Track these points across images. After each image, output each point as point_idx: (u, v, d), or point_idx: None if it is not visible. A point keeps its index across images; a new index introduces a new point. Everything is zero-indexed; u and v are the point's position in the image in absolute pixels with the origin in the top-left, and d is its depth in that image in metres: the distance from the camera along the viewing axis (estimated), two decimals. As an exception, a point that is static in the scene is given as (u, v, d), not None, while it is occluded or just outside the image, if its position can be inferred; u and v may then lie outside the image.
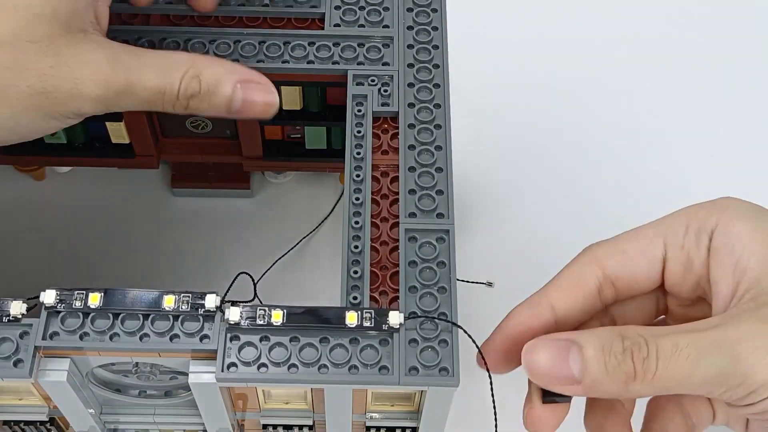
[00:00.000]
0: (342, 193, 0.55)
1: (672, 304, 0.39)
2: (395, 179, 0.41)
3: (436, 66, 0.43)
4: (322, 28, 0.45)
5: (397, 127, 0.42)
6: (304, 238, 0.55)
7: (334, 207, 0.55)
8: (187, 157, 0.52)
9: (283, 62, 0.43)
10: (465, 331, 0.36)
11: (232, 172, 0.55)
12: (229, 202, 0.57)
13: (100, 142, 0.51)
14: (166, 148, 0.52)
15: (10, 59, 0.36)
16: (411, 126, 0.42)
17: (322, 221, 0.55)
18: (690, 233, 0.37)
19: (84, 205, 0.56)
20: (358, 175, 0.40)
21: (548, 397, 0.36)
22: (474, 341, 0.37)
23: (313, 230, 0.55)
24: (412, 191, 0.40)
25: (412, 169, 0.40)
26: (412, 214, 0.39)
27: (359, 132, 0.41)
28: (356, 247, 0.38)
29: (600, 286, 0.38)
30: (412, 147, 0.41)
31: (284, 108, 0.48)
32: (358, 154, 0.41)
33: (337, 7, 0.45)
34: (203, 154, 0.52)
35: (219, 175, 0.56)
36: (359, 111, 0.42)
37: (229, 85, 0.39)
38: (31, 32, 0.37)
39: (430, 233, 0.39)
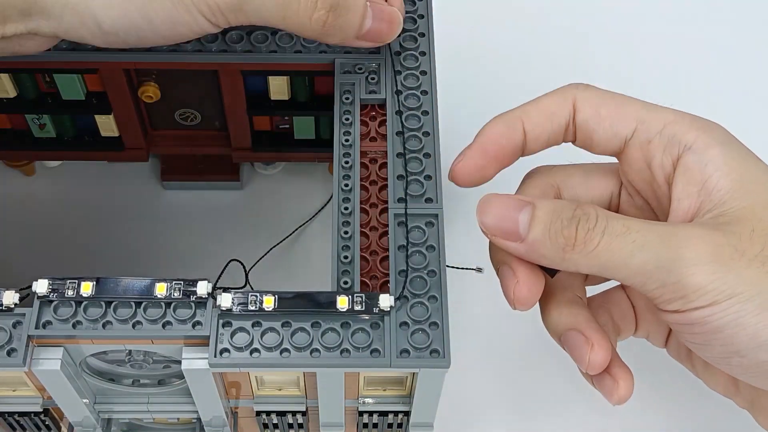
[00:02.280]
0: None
1: (624, 205, 0.40)
2: (384, 165, 0.41)
3: (423, 53, 0.44)
4: (309, 18, 0.45)
5: (385, 114, 0.42)
6: (300, 227, 0.55)
7: (330, 199, 0.55)
8: (177, 149, 0.53)
9: (271, 51, 0.44)
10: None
11: (221, 165, 0.55)
12: (220, 194, 0.57)
13: (90, 136, 0.51)
14: (155, 140, 0.52)
15: None
16: (398, 113, 0.42)
17: (319, 211, 0.55)
18: (663, 135, 0.37)
19: (74, 199, 0.56)
20: (347, 162, 0.40)
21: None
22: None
23: (309, 220, 0.55)
24: (400, 177, 0.40)
25: (400, 155, 0.41)
26: (401, 200, 0.39)
27: (347, 119, 0.42)
28: (346, 232, 0.39)
29: (568, 124, 0.38)
30: (399, 133, 0.41)
31: (272, 98, 0.48)
32: (347, 141, 0.41)
33: (324, -3, 0.45)
34: (192, 146, 0.52)
35: (209, 168, 0.56)
36: (347, 99, 0.42)
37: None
38: None
39: (419, 218, 0.39)
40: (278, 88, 0.47)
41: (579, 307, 0.38)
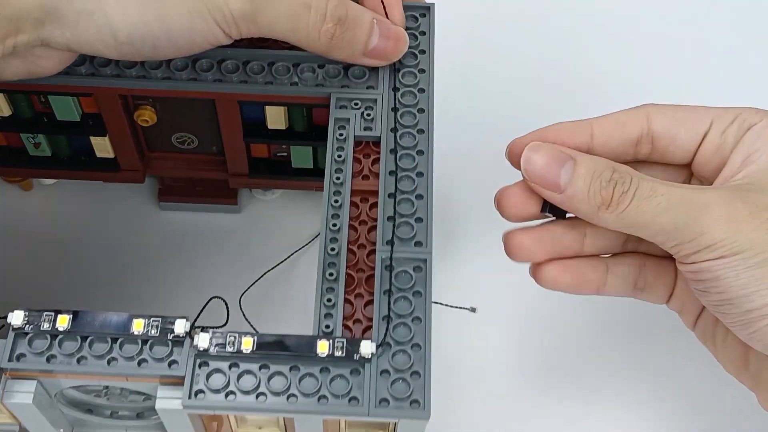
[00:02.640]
0: None
1: None
2: (374, 205, 0.40)
3: (422, 90, 0.43)
4: (308, 49, 0.44)
5: (379, 152, 0.41)
6: (291, 255, 0.54)
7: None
8: (173, 172, 0.52)
9: (266, 83, 0.43)
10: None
11: (219, 188, 0.55)
12: (217, 217, 0.56)
13: (85, 156, 0.50)
14: (152, 162, 0.51)
15: None
16: (393, 151, 0.41)
17: (309, 242, 0.55)
18: (734, 124, 0.39)
19: (69, 216, 0.56)
20: (336, 201, 0.40)
21: (546, 209, 0.40)
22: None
23: (297, 250, 0.54)
24: (390, 218, 0.39)
25: (391, 195, 0.40)
26: (389, 242, 0.39)
27: (339, 156, 0.41)
28: (331, 274, 0.38)
29: (640, 137, 0.40)
30: (392, 173, 0.40)
31: (269, 127, 0.47)
32: (338, 179, 0.40)
33: (324, 27, 0.45)
34: (189, 169, 0.52)
35: (206, 190, 0.55)
36: (341, 135, 0.41)
37: (369, 16, 0.41)
38: None
39: (407, 262, 0.38)
40: (275, 117, 0.46)
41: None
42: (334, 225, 0.39)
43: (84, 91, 0.44)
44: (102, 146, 0.49)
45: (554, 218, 0.41)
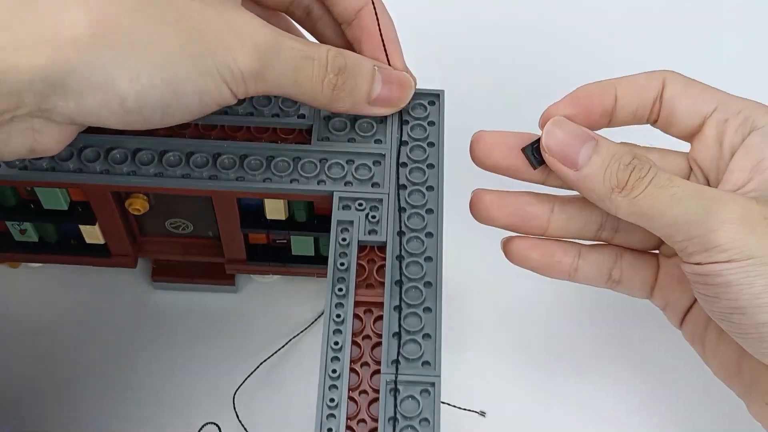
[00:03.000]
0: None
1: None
2: (379, 318, 0.37)
3: (431, 188, 0.40)
4: (309, 141, 0.42)
5: (384, 258, 0.38)
6: (287, 343, 0.51)
7: (320, 316, 0.52)
8: (167, 255, 0.49)
9: (265, 180, 0.40)
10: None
11: (216, 268, 0.52)
12: (213, 297, 0.53)
13: (74, 240, 0.48)
14: (144, 246, 0.49)
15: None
16: (399, 258, 0.38)
17: (307, 327, 0.52)
18: (740, 116, 0.39)
19: (57, 295, 0.53)
20: (338, 315, 0.37)
21: (529, 150, 0.40)
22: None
23: (297, 335, 0.52)
24: (395, 335, 0.36)
25: (397, 308, 0.37)
26: (395, 362, 0.36)
27: (342, 264, 0.38)
28: (332, 400, 0.35)
29: (655, 99, 0.40)
30: (398, 283, 0.38)
31: (269, 217, 0.45)
32: (340, 290, 0.37)
33: (327, 118, 0.42)
34: (184, 253, 0.49)
35: (202, 271, 0.52)
36: (344, 240, 0.39)
37: (370, 64, 0.40)
38: None
39: (413, 386, 0.35)
40: (275, 208, 0.44)
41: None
42: (336, 343, 0.36)
43: (71, 186, 0.41)
44: (92, 233, 0.46)
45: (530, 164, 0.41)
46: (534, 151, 0.40)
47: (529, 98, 0.45)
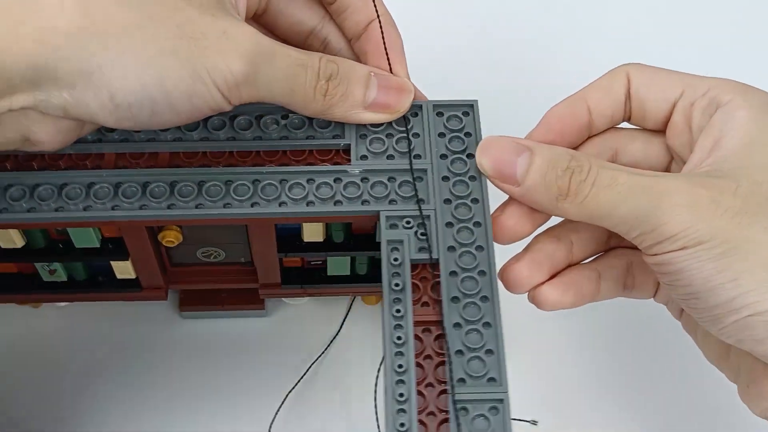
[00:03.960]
0: (348, 309, 0.51)
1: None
2: (439, 337, 0.37)
3: (475, 201, 0.40)
4: (348, 161, 0.41)
5: (438, 275, 0.38)
6: (311, 365, 0.50)
7: (340, 327, 0.51)
8: (198, 284, 0.48)
9: (308, 203, 0.39)
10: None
11: (245, 293, 0.51)
12: (243, 323, 0.53)
13: (104, 276, 0.47)
14: (175, 277, 0.48)
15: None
16: (453, 273, 0.38)
17: (328, 345, 0.51)
18: (705, 97, 0.38)
19: (82, 327, 0.52)
20: (399, 337, 0.36)
21: None
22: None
23: (319, 356, 0.51)
24: (459, 352, 0.36)
25: (457, 325, 0.37)
26: (461, 380, 0.35)
27: (397, 285, 0.37)
28: (402, 424, 0.34)
29: (625, 98, 0.40)
30: (455, 299, 0.37)
31: (305, 240, 0.44)
32: (398, 312, 0.37)
33: (363, 136, 0.41)
34: (215, 281, 0.48)
35: (231, 297, 0.51)
36: (396, 260, 0.38)
37: (364, 69, 0.40)
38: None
39: (482, 404, 0.35)
40: (313, 231, 0.43)
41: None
42: (400, 366, 0.35)
43: (108, 224, 0.40)
44: (123, 269, 0.45)
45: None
46: None
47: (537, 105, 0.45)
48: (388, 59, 0.42)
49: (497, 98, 0.43)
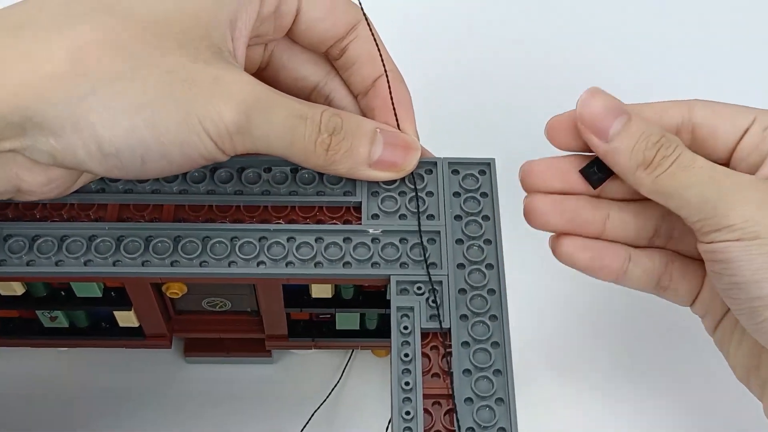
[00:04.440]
0: (348, 361, 0.50)
1: None
2: (449, 412, 0.35)
3: (490, 266, 0.38)
4: (359, 219, 0.39)
5: (450, 345, 0.36)
6: (314, 413, 0.49)
7: (339, 378, 0.50)
8: (203, 333, 0.47)
9: (316, 264, 0.38)
10: None
11: (252, 340, 0.50)
12: (249, 370, 0.51)
13: (106, 323, 0.45)
14: (179, 325, 0.46)
15: (154, 41, 0.34)
16: (465, 344, 0.36)
17: (329, 394, 0.50)
18: None
19: (82, 371, 0.50)
20: (408, 412, 0.35)
21: (586, 171, 0.40)
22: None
23: (322, 402, 0.49)
24: (470, 430, 0.34)
25: (468, 400, 0.35)
26: (472, 460, 0.34)
27: (407, 356, 0.36)
28: (408, 508, 0.33)
29: (680, 126, 0.40)
30: (467, 372, 0.36)
31: (314, 296, 0.42)
32: (407, 385, 0.35)
33: (374, 194, 0.40)
34: (221, 330, 0.47)
35: (238, 344, 0.50)
36: (405, 328, 0.37)
37: (371, 124, 0.39)
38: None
39: (492, 487, 0.33)
40: (321, 289, 0.42)
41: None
42: (408, 445, 0.34)
43: (111, 280, 0.39)
44: (126, 318, 0.44)
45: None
46: (592, 172, 0.40)
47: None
48: (395, 115, 0.40)
49: (515, 157, 0.41)
